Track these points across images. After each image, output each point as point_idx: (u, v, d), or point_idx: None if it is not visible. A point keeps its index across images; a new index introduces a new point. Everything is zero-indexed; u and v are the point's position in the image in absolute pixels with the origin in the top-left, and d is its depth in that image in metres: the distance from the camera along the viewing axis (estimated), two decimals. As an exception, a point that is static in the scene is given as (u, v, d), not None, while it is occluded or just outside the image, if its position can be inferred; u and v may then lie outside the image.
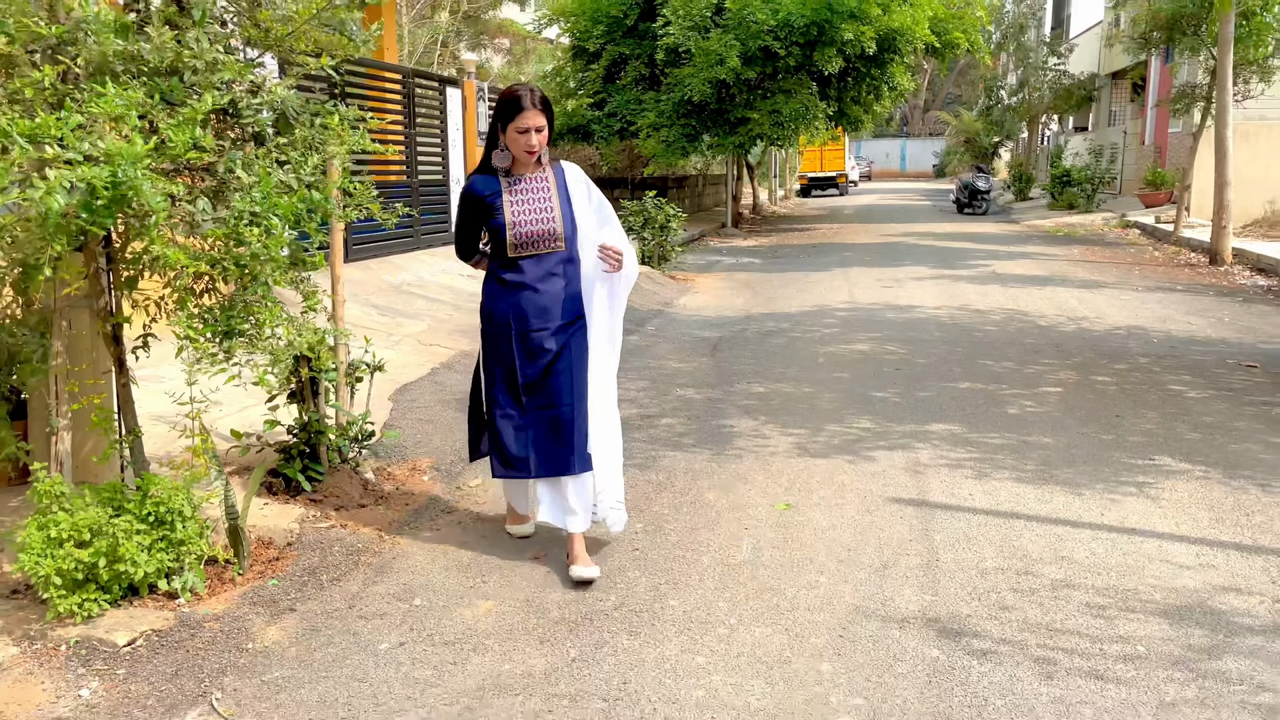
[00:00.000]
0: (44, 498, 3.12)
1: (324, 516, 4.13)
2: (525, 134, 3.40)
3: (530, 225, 3.48)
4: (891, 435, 5.42)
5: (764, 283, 12.32)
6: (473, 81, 11.27)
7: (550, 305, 3.53)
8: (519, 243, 3.49)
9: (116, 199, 2.69)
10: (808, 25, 16.17)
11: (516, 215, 3.48)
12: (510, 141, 3.44)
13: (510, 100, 3.40)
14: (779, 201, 31.19)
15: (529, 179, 3.53)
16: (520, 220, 3.48)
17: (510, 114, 3.40)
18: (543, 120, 3.42)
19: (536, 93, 3.41)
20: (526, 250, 3.51)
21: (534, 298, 3.52)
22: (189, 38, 2.96)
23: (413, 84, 9.91)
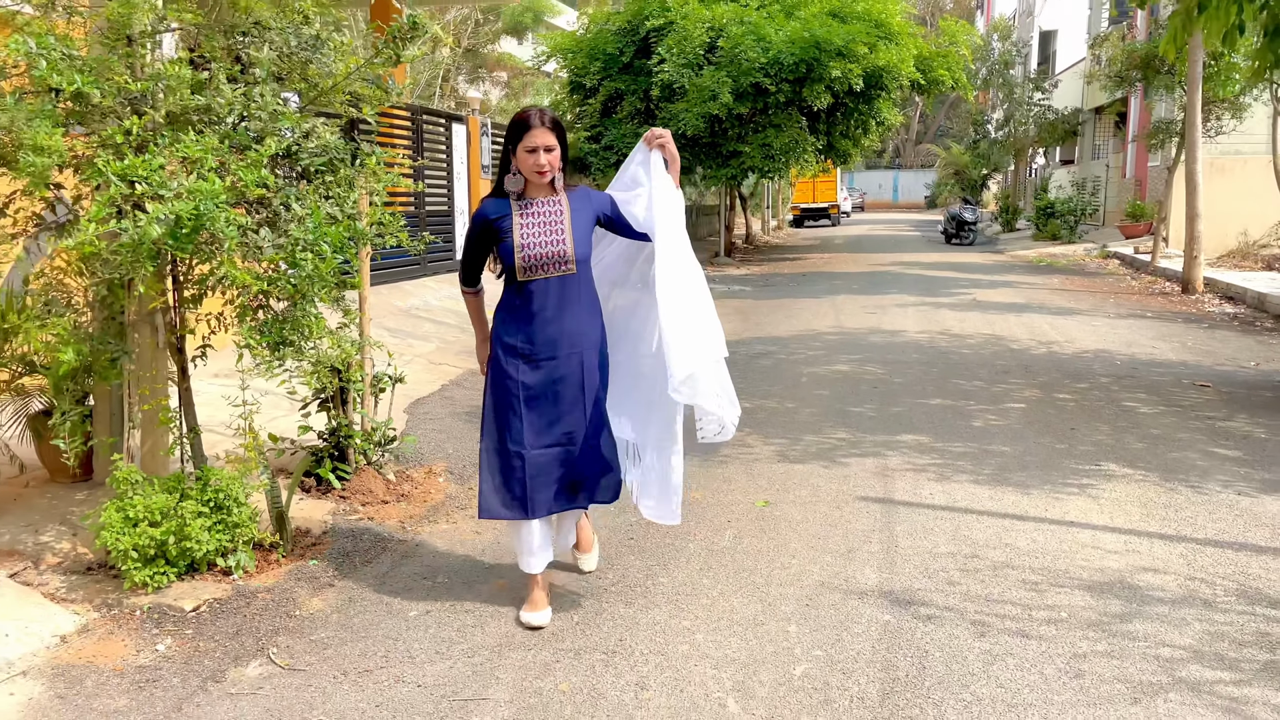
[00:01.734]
0: (121, 484, 3.63)
1: (353, 510, 4.63)
2: (534, 153, 3.31)
3: (539, 248, 3.35)
4: (864, 444, 5.94)
5: (754, 309, 12.88)
6: (476, 117, 11.87)
7: (561, 331, 3.40)
8: (528, 265, 3.35)
9: (196, 228, 3.23)
10: (797, 63, 16.82)
11: (525, 238, 3.35)
12: (520, 162, 3.35)
13: (519, 120, 3.34)
14: (772, 232, 31.87)
15: (541, 202, 3.40)
16: (529, 243, 3.35)
17: (519, 134, 3.33)
18: (553, 140, 3.34)
19: (547, 113, 3.34)
20: (536, 273, 3.36)
21: (544, 323, 3.39)
22: (254, 92, 3.50)
23: (420, 121, 10.50)
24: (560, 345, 3.42)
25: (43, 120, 3.20)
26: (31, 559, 3.80)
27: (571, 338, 3.42)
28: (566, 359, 3.42)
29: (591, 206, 3.48)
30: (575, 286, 3.42)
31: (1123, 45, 18.74)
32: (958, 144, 39.85)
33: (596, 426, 3.49)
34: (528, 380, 3.43)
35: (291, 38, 3.62)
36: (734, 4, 17.82)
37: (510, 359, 3.44)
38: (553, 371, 3.43)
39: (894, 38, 17.97)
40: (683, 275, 3.30)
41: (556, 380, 3.43)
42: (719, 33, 17.17)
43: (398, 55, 3.89)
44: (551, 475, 3.46)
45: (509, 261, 3.38)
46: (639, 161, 3.52)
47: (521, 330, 3.42)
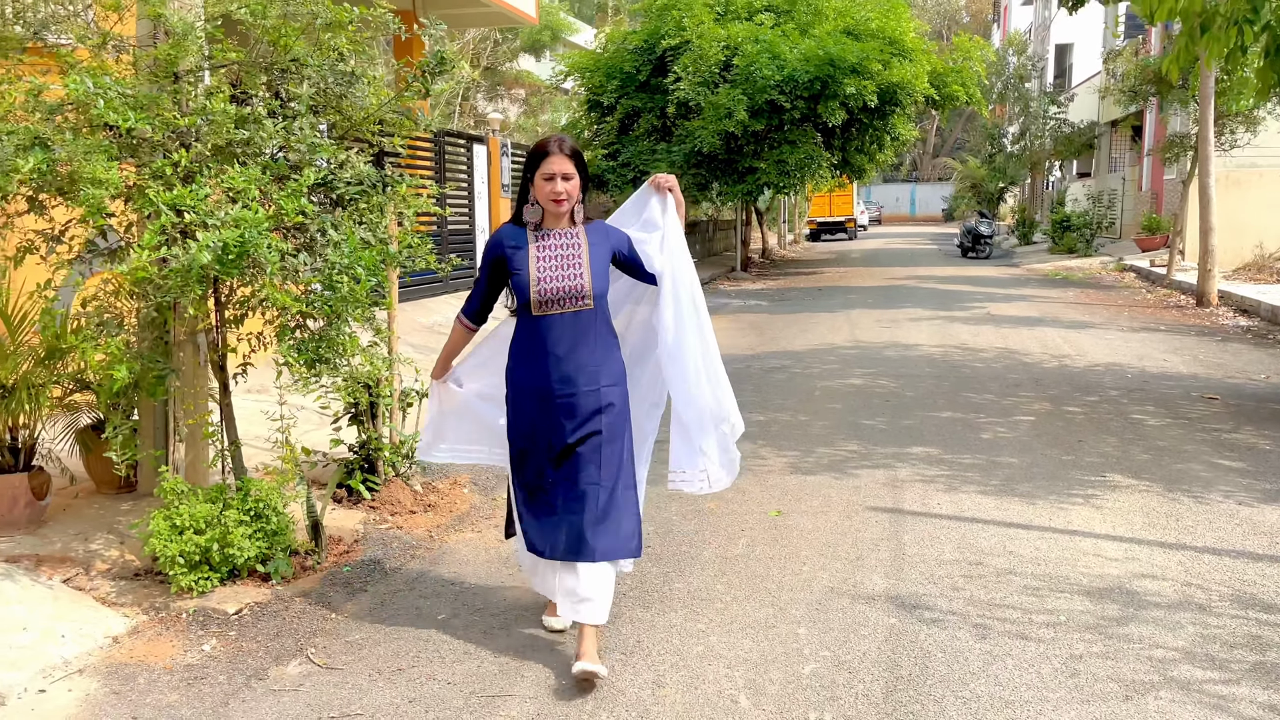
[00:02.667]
0: (168, 495, 3.85)
1: (382, 520, 4.85)
2: (551, 181, 3.23)
3: (555, 281, 3.25)
4: (875, 456, 6.11)
5: (769, 324, 13.06)
6: (497, 138, 12.14)
7: (577, 368, 3.29)
8: (543, 299, 3.24)
9: (241, 254, 3.45)
10: (812, 80, 17.05)
11: (541, 270, 3.25)
12: (537, 190, 3.27)
13: (538, 148, 3.28)
14: (788, 246, 32.06)
15: (558, 234, 3.31)
16: (545, 275, 3.25)
17: (537, 161, 3.26)
18: (571, 168, 3.26)
19: (567, 142, 3.27)
20: (551, 308, 3.25)
21: (559, 359, 3.29)
22: (294, 126, 3.73)
23: (442, 142, 10.78)
24: (578, 381, 3.31)
25: (99, 155, 3.44)
26: (83, 565, 4.02)
27: (590, 373, 3.31)
28: (586, 395, 3.31)
29: (609, 242, 3.40)
30: (592, 322, 3.31)
31: (1136, 60, 18.86)
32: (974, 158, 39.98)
33: (620, 467, 3.36)
34: (546, 417, 3.33)
35: (328, 74, 3.86)
36: (749, 23, 18.09)
37: (527, 396, 3.35)
38: (570, 409, 3.32)
39: (908, 54, 18.18)
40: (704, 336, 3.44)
41: (576, 416, 3.31)
42: (734, 51, 17.42)
43: (427, 88, 4.12)
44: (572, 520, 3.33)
45: (524, 295, 3.27)
46: (654, 206, 3.50)
47: (538, 365, 3.31)
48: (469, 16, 13.12)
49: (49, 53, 3.90)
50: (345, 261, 3.69)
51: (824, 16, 18.52)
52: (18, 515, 4.16)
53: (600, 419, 3.33)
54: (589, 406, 3.32)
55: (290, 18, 3.81)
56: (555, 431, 3.33)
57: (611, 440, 3.35)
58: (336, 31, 3.85)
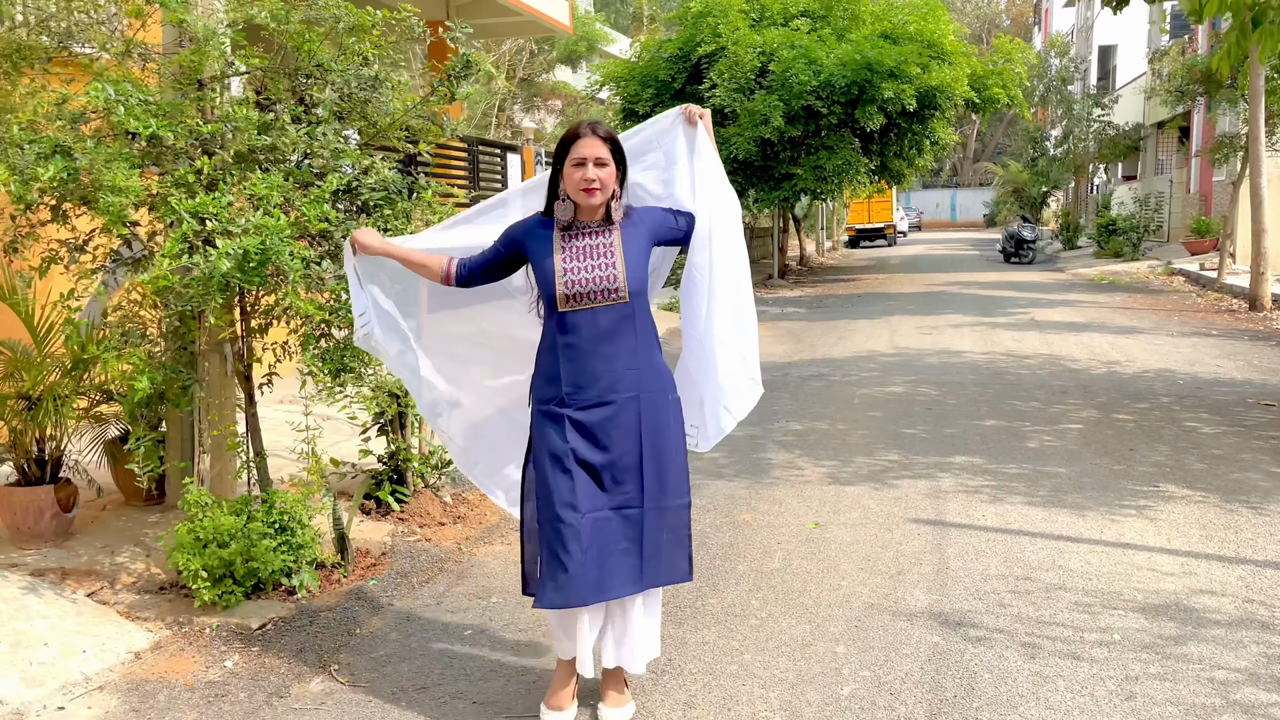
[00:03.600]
0: (192, 507, 3.79)
1: (411, 532, 4.76)
2: (581, 167, 2.81)
3: (584, 272, 2.85)
4: (916, 466, 5.93)
5: (807, 331, 12.88)
6: (531, 146, 12.11)
7: (614, 371, 2.88)
8: (571, 294, 2.84)
9: (263, 262, 3.39)
10: (849, 85, 16.86)
11: (568, 262, 2.86)
12: (567, 180, 2.85)
13: (568, 134, 2.88)
14: (826, 253, 31.77)
15: (591, 230, 2.90)
16: (573, 267, 2.86)
17: (566, 148, 2.86)
18: (604, 152, 2.83)
19: (601, 125, 2.87)
20: (581, 303, 2.85)
21: (592, 361, 2.87)
22: (317, 131, 3.67)
23: (476, 151, 10.75)
24: (617, 387, 2.88)
25: (119, 162, 3.40)
26: (108, 579, 3.98)
27: (627, 378, 2.89)
28: (624, 404, 2.89)
29: (646, 229, 2.96)
30: (629, 318, 2.88)
31: (1182, 60, 18.44)
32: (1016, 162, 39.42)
33: (665, 486, 2.95)
34: (578, 430, 2.89)
35: (352, 79, 3.79)
36: (784, 29, 17.93)
37: (555, 408, 2.90)
38: (605, 420, 2.88)
39: (947, 57, 17.92)
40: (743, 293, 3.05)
41: (613, 429, 2.89)
42: (770, 57, 17.28)
43: (452, 93, 4.04)
44: (613, 547, 2.90)
45: (549, 289, 2.87)
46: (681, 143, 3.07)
47: (567, 371, 2.88)
48: (503, 26, 13.11)
49: (73, 62, 3.88)
50: (369, 269, 3.60)
51: (861, 21, 18.33)
52: (44, 528, 4.13)
53: (640, 430, 2.90)
54: (627, 417, 2.89)
55: (313, 22, 3.75)
56: (588, 448, 2.89)
57: (655, 454, 2.92)
58: (360, 36, 3.78)
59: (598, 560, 2.87)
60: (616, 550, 2.90)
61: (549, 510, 2.88)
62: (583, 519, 2.85)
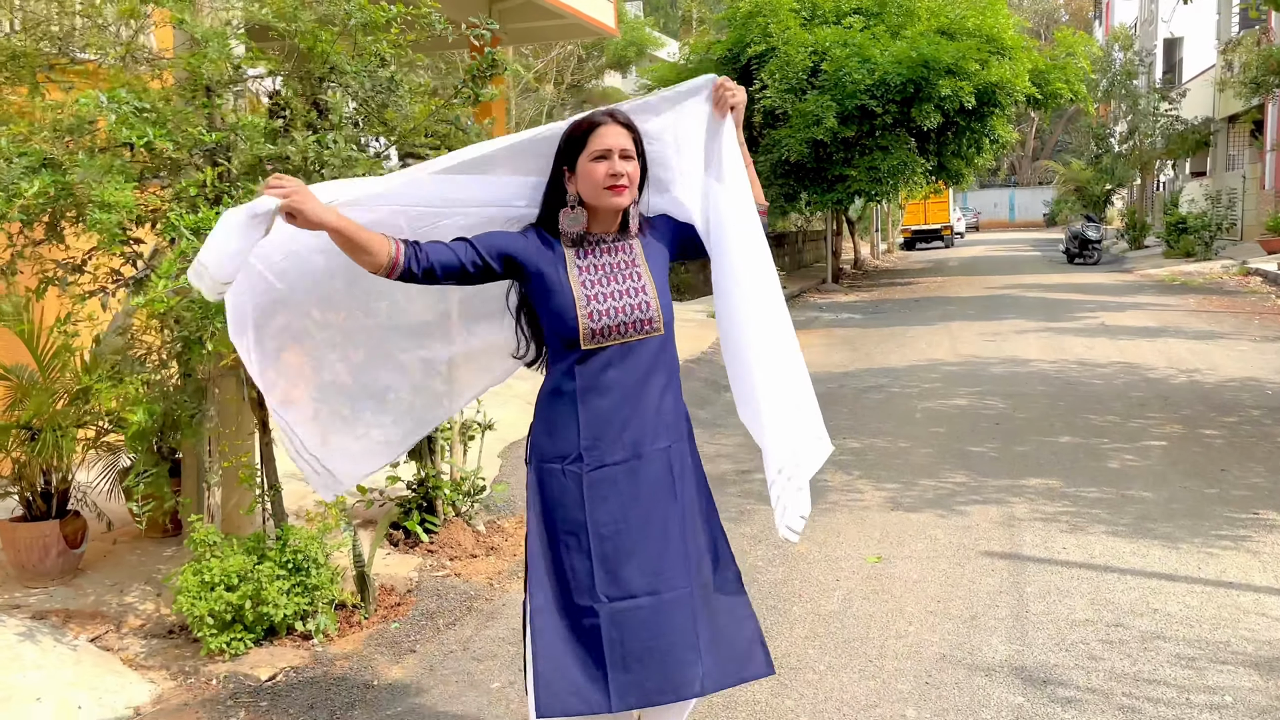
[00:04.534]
0: (199, 546, 3.52)
1: (440, 566, 4.45)
2: (606, 160, 2.26)
3: (613, 300, 2.31)
4: (986, 490, 5.48)
5: (863, 338, 12.40)
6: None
7: (642, 419, 2.34)
8: (599, 327, 2.29)
9: (265, 282, 3.08)
10: (904, 83, 16.34)
11: (590, 288, 2.31)
12: (583, 179, 2.29)
13: (578, 126, 2.31)
14: (881, 255, 31.11)
15: (609, 244, 2.37)
16: (598, 294, 2.31)
17: (580, 142, 2.29)
18: (629, 142, 2.30)
19: (620, 111, 2.33)
20: (609, 338, 2.30)
21: (617, 409, 2.32)
22: (328, 139, 3.37)
23: (520, 157, 10.45)
24: (644, 440, 2.32)
25: (114, 175, 3.13)
26: (114, 621, 3.72)
27: (656, 427, 2.36)
28: (653, 457, 2.35)
29: (665, 238, 2.47)
30: (662, 353, 2.38)
31: (1257, 50, 17.59)
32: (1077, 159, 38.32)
33: (717, 554, 2.52)
34: (595, 497, 2.31)
35: (366, 80, 3.49)
36: (837, 27, 17.45)
37: (565, 468, 2.32)
38: (633, 479, 2.33)
39: (1007, 52, 17.31)
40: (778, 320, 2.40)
41: (643, 490, 2.34)
42: (822, 56, 16.82)
43: (476, 94, 3.73)
44: (653, 644, 2.28)
45: (565, 325, 2.29)
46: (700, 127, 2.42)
47: (587, 421, 2.31)
48: (547, 30, 12.83)
49: (74, 69, 3.63)
50: (384, 287, 3.29)
51: (916, 17, 17.77)
52: (50, 565, 3.89)
53: (675, 488, 2.36)
54: (658, 472, 2.34)
55: (325, 20, 3.46)
56: (612, 517, 2.31)
57: (696, 516, 2.43)
58: (376, 35, 3.48)
59: (631, 661, 2.27)
60: (658, 649, 2.27)
61: (564, 598, 2.31)
62: (605, 606, 2.28)
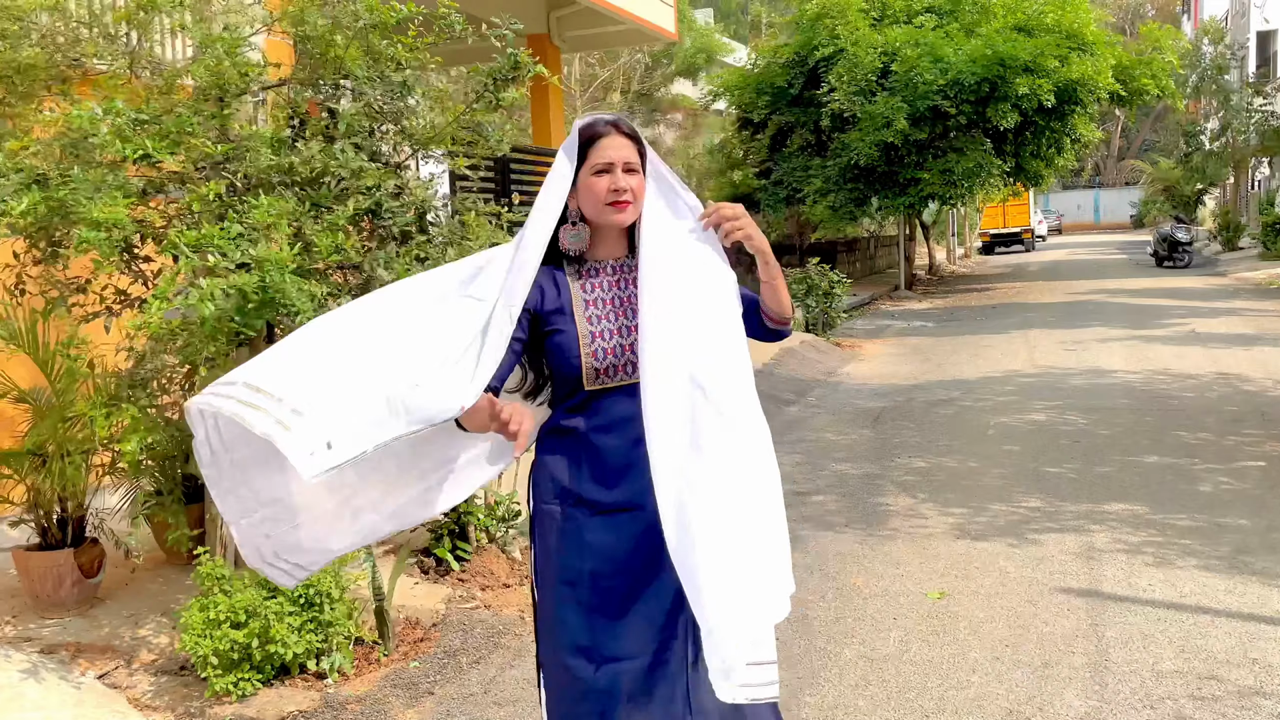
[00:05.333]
0: (206, 580, 3.34)
1: (469, 596, 4.22)
2: (608, 173, 2.05)
3: (614, 339, 2.10)
4: (1063, 516, 5.06)
5: (935, 348, 11.90)
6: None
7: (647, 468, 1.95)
8: (602, 367, 2.08)
9: (266, 302, 2.89)
10: (979, 82, 15.75)
11: (595, 324, 2.11)
12: (584, 195, 2.08)
13: (581, 133, 2.10)
14: (958, 260, 30.25)
15: (612, 267, 2.16)
16: (601, 330, 2.10)
17: (582, 154, 2.08)
18: (634, 155, 2.09)
19: (624, 120, 2.14)
20: (614, 377, 2.09)
21: (622, 454, 2.09)
22: (335, 148, 3.17)
23: (576, 166, 10.26)
24: (648, 488, 1.94)
25: (111, 191, 2.97)
26: (125, 655, 3.57)
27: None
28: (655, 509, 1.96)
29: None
30: None
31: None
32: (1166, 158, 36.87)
33: None
34: (597, 547, 2.09)
35: (378, 86, 3.28)
36: (907, 26, 16.93)
37: (566, 510, 2.12)
38: (637, 530, 2.08)
39: (1088, 48, 16.60)
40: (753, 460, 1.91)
41: (641, 542, 2.07)
42: (892, 57, 16.33)
43: (497, 98, 3.50)
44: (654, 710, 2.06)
45: (570, 365, 2.09)
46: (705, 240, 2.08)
47: (588, 468, 2.11)
48: (606, 36, 12.63)
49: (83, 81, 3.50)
50: (393, 306, 3.08)
51: (992, 14, 17.17)
52: (65, 595, 3.76)
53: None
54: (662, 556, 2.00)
55: (336, 23, 3.27)
56: (617, 569, 2.08)
57: None
58: (390, 37, 3.27)
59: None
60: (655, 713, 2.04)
61: (567, 653, 2.08)
62: (599, 672, 2.04)
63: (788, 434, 7.28)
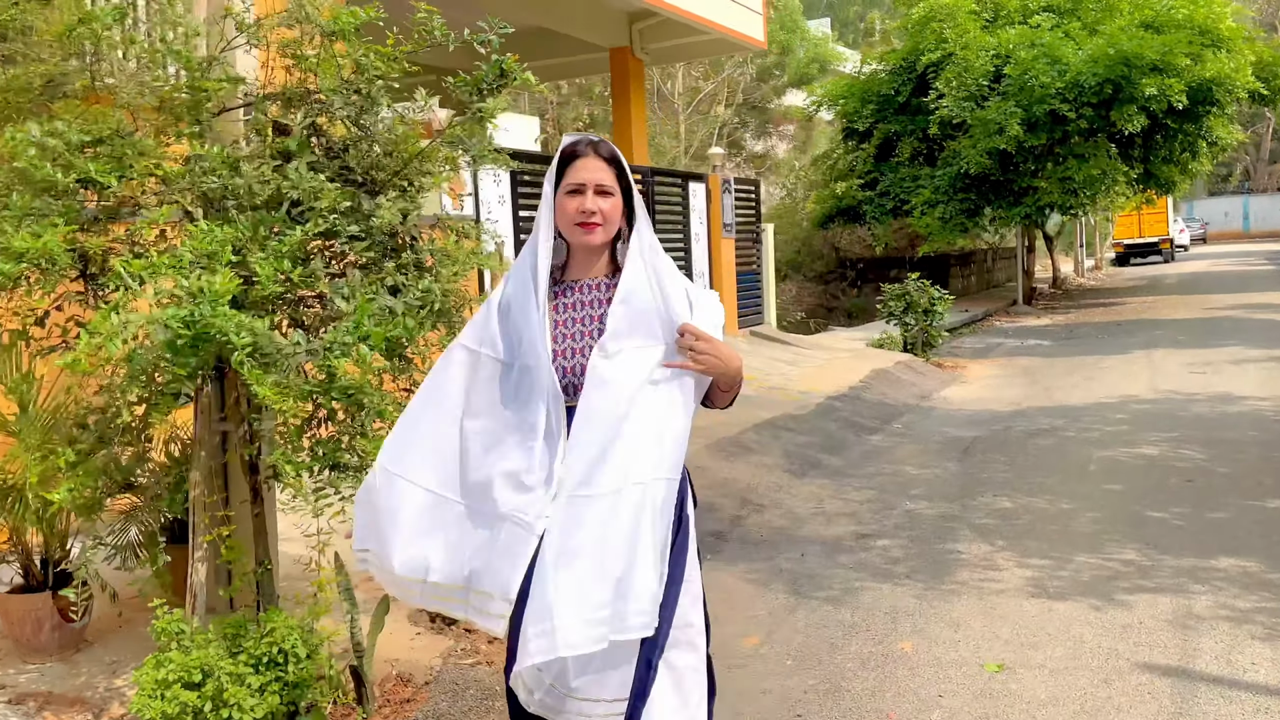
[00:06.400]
0: (161, 636, 3.10)
1: (473, 650, 3.90)
2: (579, 194, 2.16)
3: (579, 358, 2.18)
4: (1160, 572, 4.41)
5: (1047, 369, 11.05)
6: (718, 175, 11.16)
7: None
8: (565, 385, 2.16)
9: (200, 337, 2.64)
10: (1100, 84, 14.75)
11: (562, 342, 2.20)
12: (559, 213, 2.19)
13: (562, 153, 2.21)
14: (1086, 273, 28.65)
15: (588, 286, 2.25)
16: (567, 349, 2.19)
17: (560, 172, 2.20)
18: (609, 178, 2.18)
19: (604, 143, 2.23)
20: (573, 397, 2.16)
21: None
22: (290, 168, 2.90)
23: (651, 182, 9.94)
24: None
25: (54, 218, 2.76)
26: (95, 708, 3.37)
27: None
28: None
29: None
30: None
31: None
32: (1322, 160, 34.15)
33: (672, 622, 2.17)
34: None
35: (337, 99, 3.00)
36: (1022, 27, 16.02)
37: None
38: None
39: (1224, 44, 15.39)
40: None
41: None
42: (1005, 59, 15.48)
43: (479, 111, 3.17)
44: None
45: None
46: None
47: None
48: (690, 47, 12.31)
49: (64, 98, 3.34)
50: (348, 340, 2.78)
51: (1115, 11, 16.10)
52: (45, 640, 3.60)
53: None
54: None
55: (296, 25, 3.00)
56: None
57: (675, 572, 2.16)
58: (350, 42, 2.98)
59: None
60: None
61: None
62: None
63: (863, 466, 6.74)
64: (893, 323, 11.91)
